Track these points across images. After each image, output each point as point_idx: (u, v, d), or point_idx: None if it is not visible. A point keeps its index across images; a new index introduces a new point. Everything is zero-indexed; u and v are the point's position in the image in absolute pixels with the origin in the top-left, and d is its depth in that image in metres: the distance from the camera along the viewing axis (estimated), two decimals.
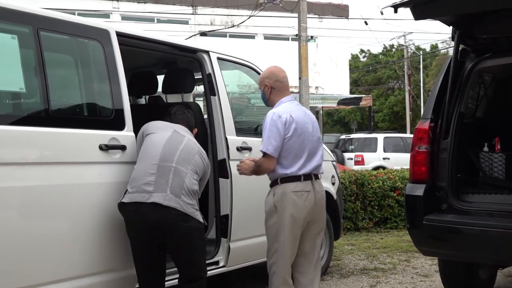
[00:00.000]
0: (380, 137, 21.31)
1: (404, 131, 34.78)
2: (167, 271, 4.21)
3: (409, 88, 37.75)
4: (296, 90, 20.24)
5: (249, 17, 19.76)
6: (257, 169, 4.25)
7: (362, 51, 49.97)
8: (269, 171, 4.21)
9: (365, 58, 50.84)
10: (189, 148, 4.17)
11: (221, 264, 5.00)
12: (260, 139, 4.29)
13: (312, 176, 4.24)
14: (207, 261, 4.79)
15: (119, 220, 4.03)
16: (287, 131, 4.16)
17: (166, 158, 4.04)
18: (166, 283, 4.21)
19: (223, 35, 28.15)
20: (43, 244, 3.65)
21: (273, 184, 4.23)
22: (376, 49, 51.47)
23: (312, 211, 4.22)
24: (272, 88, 4.38)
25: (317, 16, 31.01)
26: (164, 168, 3.99)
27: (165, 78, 5.29)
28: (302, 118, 4.28)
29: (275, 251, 4.16)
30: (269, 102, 4.41)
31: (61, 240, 3.75)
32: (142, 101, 5.86)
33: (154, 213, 3.88)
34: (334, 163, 6.59)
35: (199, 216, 4.01)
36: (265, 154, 4.15)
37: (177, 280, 4.17)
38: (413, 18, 4.63)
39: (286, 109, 4.25)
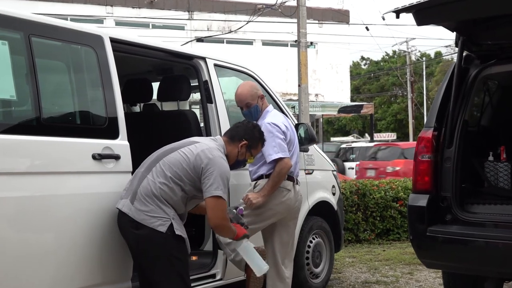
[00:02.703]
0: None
1: (407, 139, 34.79)
2: None
3: (411, 95, 37.74)
4: (295, 98, 20.18)
5: (247, 23, 19.77)
6: (278, 178, 4.55)
7: (363, 58, 50.06)
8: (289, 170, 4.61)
9: (366, 66, 50.94)
10: (168, 148, 3.97)
11: (218, 277, 4.90)
12: None
13: (294, 179, 4.74)
14: (203, 274, 4.70)
15: (113, 231, 3.95)
16: (286, 139, 4.61)
17: (142, 165, 4.01)
18: None
19: (220, 41, 28.17)
20: (33, 256, 3.56)
21: (259, 178, 4.66)
22: (378, 56, 51.60)
23: (290, 209, 4.72)
24: (264, 97, 4.79)
25: (317, 21, 31.04)
26: (136, 174, 3.96)
27: (160, 85, 5.26)
28: (290, 125, 4.82)
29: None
30: (260, 114, 4.73)
31: (52, 253, 3.67)
32: (137, 109, 5.79)
33: (119, 218, 3.89)
34: (335, 172, 6.51)
35: (156, 225, 3.74)
36: (280, 159, 4.52)
37: None
38: (415, 23, 4.55)
39: (277, 118, 4.69)
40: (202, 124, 5.19)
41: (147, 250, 3.79)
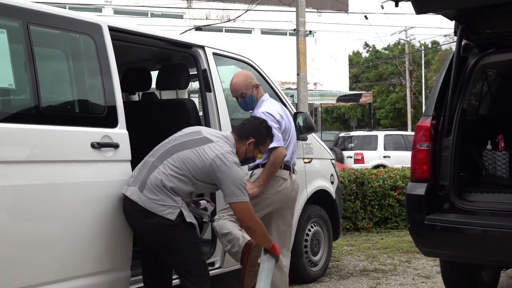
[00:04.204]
0: (381, 134, 21.26)
1: (405, 128, 34.76)
2: None
3: (410, 84, 37.64)
4: (294, 87, 20.10)
5: (245, 11, 19.62)
6: (273, 168, 4.51)
7: (366, 44, 49.71)
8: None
9: (369, 53, 50.65)
10: (183, 143, 3.96)
11: (216, 265, 4.92)
12: None
13: (291, 168, 4.69)
14: None
15: (111, 220, 3.95)
16: (280, 129, 4.57)
17: (153, 154, 4.01)
18: None
19: (219, 29, 28.03)
20: (32, 245, 3.56)
21: (255, 167, 4.65)
22: (379, 45, 51.26)
23: (286, 198, 4.68)
24: (260, 86, 4.73)
25: (315, 10, 30.85)
26: (146, 163, 3.96)
27: (159, 74, 5.23)
28: (286, 114, 4.74)
29: None
30: (255, 103, 4.70)
31: (51, 241, 3.66)
32: (136, 97, 5.77)
33: (127, 205, 3.90)
34: (333, 161, 6.51)
35: (165, 213, 3.77)
36: (274, 148, 4.47)
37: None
38: (414, 12, 4.54)
39: (272, 107, 4.64)
40: (201, 113, 5.18)
41: (159, 239, 3.82)
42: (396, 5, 4.50)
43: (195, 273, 3.88)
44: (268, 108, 4.61)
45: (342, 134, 23.99)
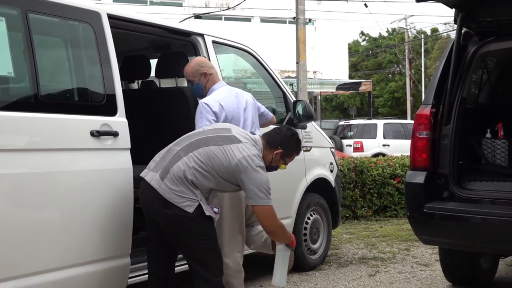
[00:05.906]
0: (380, 123, 21.27)
1: (404, 117, 34.75)
2: None
3: (410, 72, 37.60)
4: (294, 75, 20.07)
5: None
6: None
7: (362, 33, 49.70)
8: None
9: (365, 42, 50.61)
10: (211, 138, 3.90)
11: None
12: None
13: None
14: None
15: (111, 208, 3.96)
16: (218, 120, 4.31)
17: (179, 143, 3.95)
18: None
19: (218, 17, 27.98)
20: (31, 233, 3.56)
21: None
22: (377, 33, 51.04)
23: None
24: (210, 75, 4.51)
25: None
26: (171, 151, 3.91)
27: (158, 62, 5.21)
28: (232, 104, 4.42)
29: None
30: (204, 92, 4.51)
31: (50, 229, 3.67)
32: (135, 85, 5.76)
33: (145, 191, 3.86)
34: (333, 150, 6.52)
35: (184, 205, 3.73)
36: None
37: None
38: (414, 0, 4.53)
39: (215, 97, 4.38)
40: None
41: (175, 230, 3.80)
42: None
43: (208, 261, 3.85)
44: (209, 98, 4.41)
45: (342, 123, 24.00)
